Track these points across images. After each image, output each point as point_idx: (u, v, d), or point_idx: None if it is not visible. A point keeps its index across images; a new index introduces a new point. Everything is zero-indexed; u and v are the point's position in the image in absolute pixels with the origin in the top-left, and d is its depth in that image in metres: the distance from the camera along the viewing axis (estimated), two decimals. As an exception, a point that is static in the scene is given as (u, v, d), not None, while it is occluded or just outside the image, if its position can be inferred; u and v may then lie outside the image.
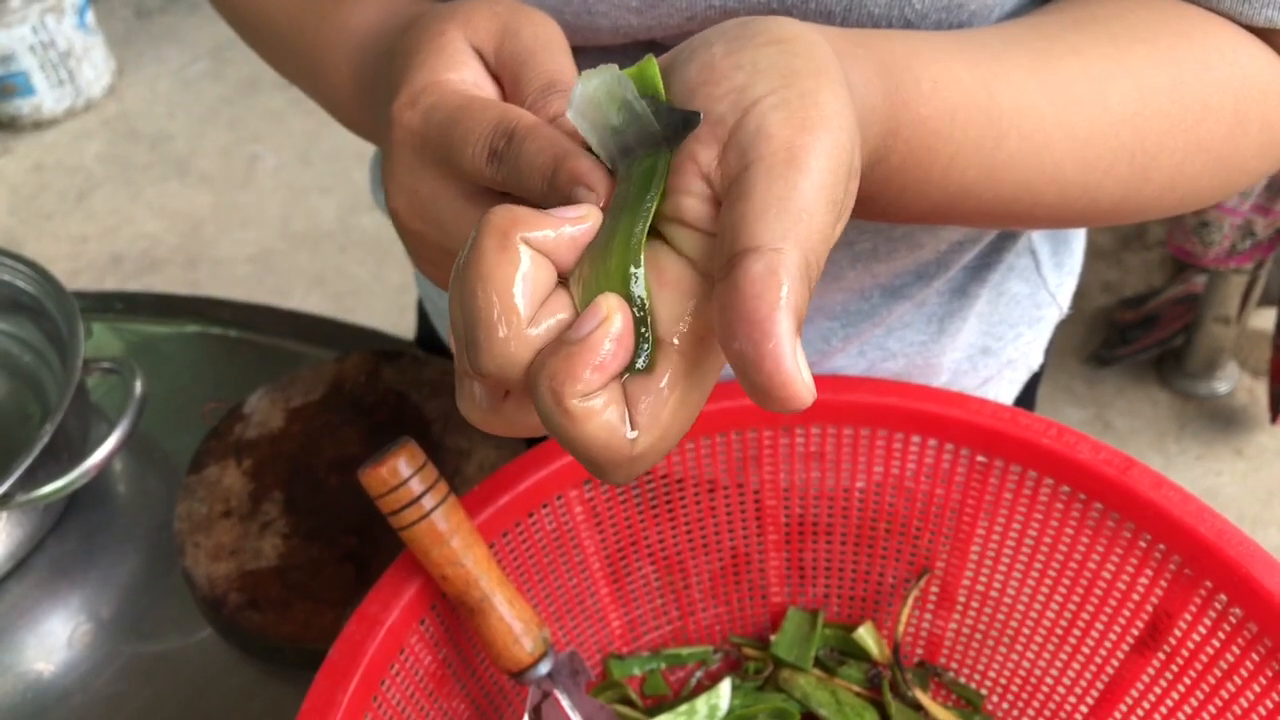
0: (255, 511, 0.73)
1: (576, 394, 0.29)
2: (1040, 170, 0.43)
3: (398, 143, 0.40)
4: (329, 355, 0.85)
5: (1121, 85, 0.43)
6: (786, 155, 0.30)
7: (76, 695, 0.68)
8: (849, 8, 0.45)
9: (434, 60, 0.41)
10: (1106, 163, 0.44)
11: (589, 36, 0.49)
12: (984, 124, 0.41)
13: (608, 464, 0.31)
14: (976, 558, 0.60)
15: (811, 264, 0.29)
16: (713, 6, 0.46)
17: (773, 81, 0.31)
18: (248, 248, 2.47)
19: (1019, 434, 0.56)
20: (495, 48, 0.42)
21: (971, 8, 0.47)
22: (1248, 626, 0.50)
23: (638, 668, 0.64)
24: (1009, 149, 0.42)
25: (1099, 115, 0.43)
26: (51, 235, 2.54)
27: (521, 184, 0.36)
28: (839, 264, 0.58)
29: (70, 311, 0.76)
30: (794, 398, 0.28)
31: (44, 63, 2.68)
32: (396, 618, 0.52)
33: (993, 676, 0.62)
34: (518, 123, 0.36)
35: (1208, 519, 0.51)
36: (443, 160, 0.39)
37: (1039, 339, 0.70)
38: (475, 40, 0.42)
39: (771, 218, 0.29)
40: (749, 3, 0.46)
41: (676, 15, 0.47)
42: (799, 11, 0.46)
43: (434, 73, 0.41)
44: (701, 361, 0.32)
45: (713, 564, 0.63)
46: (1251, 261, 1.76)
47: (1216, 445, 1.93)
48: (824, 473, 0.61)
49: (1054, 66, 0.43)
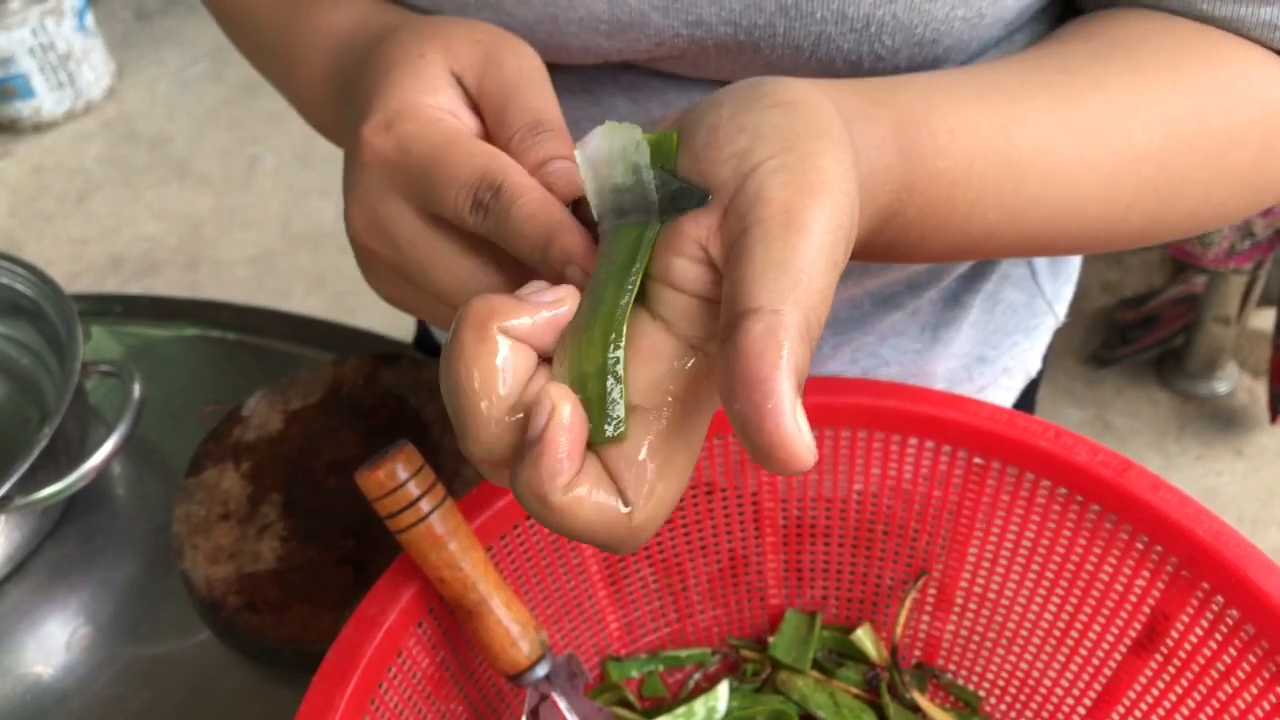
0: (254, 514, 0.73)
1: (558, 490, 0.30)
2: (1063, 208, 0.43)
3: (366, 164, 0.40)
4: (327, 358, 0.85)
5: (1145, 118, 0.43)
6: (785, 218, 0.30)
7: (75, 698, 0.68)
8: (817, 43, 0.45)
9: (410, 82, 0.40)
10: (1130, 197, 0.44)
11: (561, 55, 0.49)
12: (1004, 168, 0.41)
13: (612, 541, 0.31)
14: (974, 559, 0.60)
15: (812, 324, 0.29)
16: (679, 35, 0.46)
17: (774, 146, 0.31)
18: (248, 249, 2.47)
19: (1017, 436, 0.56)
20: (477, 77, 0.41)
21: (946, 43, 0.46)
22: (1245, 628, 0.50)
23: (636, 670, 0.64)
24: (1030, 190, 0.42)
25: (1122, 151, 0.43)
26: (51, 237, 2.54)
27: (508, 243, 0.36)
28: None
29: (69, 314, 0.76)
30: (794, 459, 0.28)
31: (44, 65, 2.68)
32: (394, 620, 0.52)
33: (990, 678, 0.62)
34: (505, 178, 0.36)
35: (1205, 521, 0.51)
36: (416, 194, 0.39)
37: (1035, 347, 0.69)
38: (455, 66, 0.41)
39: (771, 280, 0.29)
40: (716, 33, 0.45)
41: (645, 41, 0.47)
42: (767, 45, 0.45)
43: (410, 95, 0.40)
44: (682, 427, 0.32)
45: (711, 566, 0.63)
46: (1251, 262, 1.76)
47: (1216, 445, 1.93)
48: (821, 475, 0.61)
49: (1076, 102, 0.42)
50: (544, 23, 0.47)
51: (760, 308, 0.28)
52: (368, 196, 0.40)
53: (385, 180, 0.39)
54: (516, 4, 0.47)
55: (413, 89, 0.40)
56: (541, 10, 0.47)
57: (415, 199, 0.39)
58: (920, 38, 0.45)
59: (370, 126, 0.40)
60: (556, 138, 0.39)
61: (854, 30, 0.44)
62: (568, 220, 0.35)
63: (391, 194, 0.39)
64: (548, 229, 0.35)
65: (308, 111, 0.52)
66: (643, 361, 0.32)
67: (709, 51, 0.46)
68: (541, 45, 0.48)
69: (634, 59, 0.48)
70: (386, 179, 0.39)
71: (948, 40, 0.46)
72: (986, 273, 0.63)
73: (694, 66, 0.48)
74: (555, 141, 0.39)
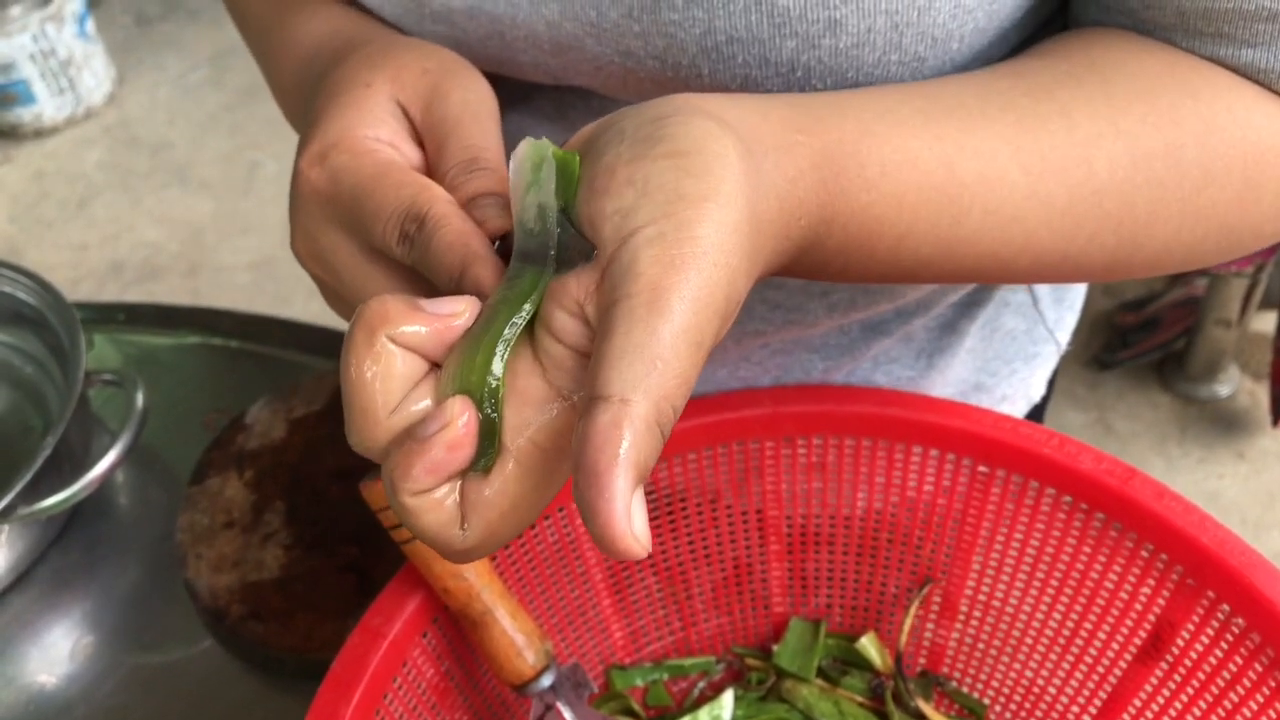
0: (257, 522, 0.73)
1: (408, 490, 0.32)
2: (1008, 241, 0.41)
3: (302, 195, 0.40)
4: (330, 365, 0.85)
5: (1110, 150, 0.40)
6: (650, 296, 0.30)
7: (79, 707, 0.68)
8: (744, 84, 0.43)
9: (352, 113, 0.41)
10: (1088, 232, 0.42)
11: (516, 71, 0.49)
12: (941, 203, 0.39)
13: (441, 550, 0.33)
14: (979, 568, 0.60)
15: (663, 411, 0.29)
16: (614, 63, 0.45)
17: (654, 209, 0.31)
18: (248, 255, 2.47)
19: (1020, 444, 0.56)
20: (422, 109, 0.41)
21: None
22: (1250, 637, 0.50)
23: (640, 679, 0.64)
24: (971, 224, 0.40)
25: (1081, 184, 0.40)
26: (52, 243, 2.54)
27: (430, 274, 0.36)
28: (814, 312, 0.56)
29: (71, 323, 0.76)
30: (625, 552, 0.29)
31: (44, 71, 2.68)
32: (399, 630, 0.52)
33: (995, 686, 0.62)
34: (429, 210, 0.36)
35: (1210, 529, 0.51)
36: (350, 226, 0.39)
37: (1036, 375, 0.68)
38: (402, 98, 0.41)
39: (625, 366, 0.29)
40: (645, 66, 0.44)
41: (585, 64, 0.46)
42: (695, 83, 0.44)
43: (349, 127, 0.40)
44: (539, 472, 0.33)
45: (715, 574, 0.63)
46: (1252, 265, 1.76)
47: (1218, 448, 1.93)
48: (826, 483, 0.61)
49: (1034, 131, 0.40)
50: (493, 39, 0.47)
51: (610, 395, 0.29)
52: (308, 225, 0.40)
53: (320, 211, 0.40)
54: (467, 19, 0.47)
55: (353, 120, 0.40)
56: (489, 27, 0.46)
57: (349, 228, 0.39)
58: (854, 81, 0.43)
59: (306, 157, 0.40)
60: (490, 175, 0.39)
61: (780, 74, 0.43)
62: (484, 252, 0.35)
63: (329, 224, 0.40)
64: (463, 259, 0.35)
65: (289, 117, 0.53)
66: (514, 402, 0.33)
67: (645, 84, 0.46)
68: (494, 61, 0.48)
69: (583, 82, 0.48)
70: (321, 210, 0.40)
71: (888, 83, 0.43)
72: (984, 300, 0.62)
73: (638, 95, 0.47)
74: (487, 178, 0.39)
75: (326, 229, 0.40)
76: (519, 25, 0.46)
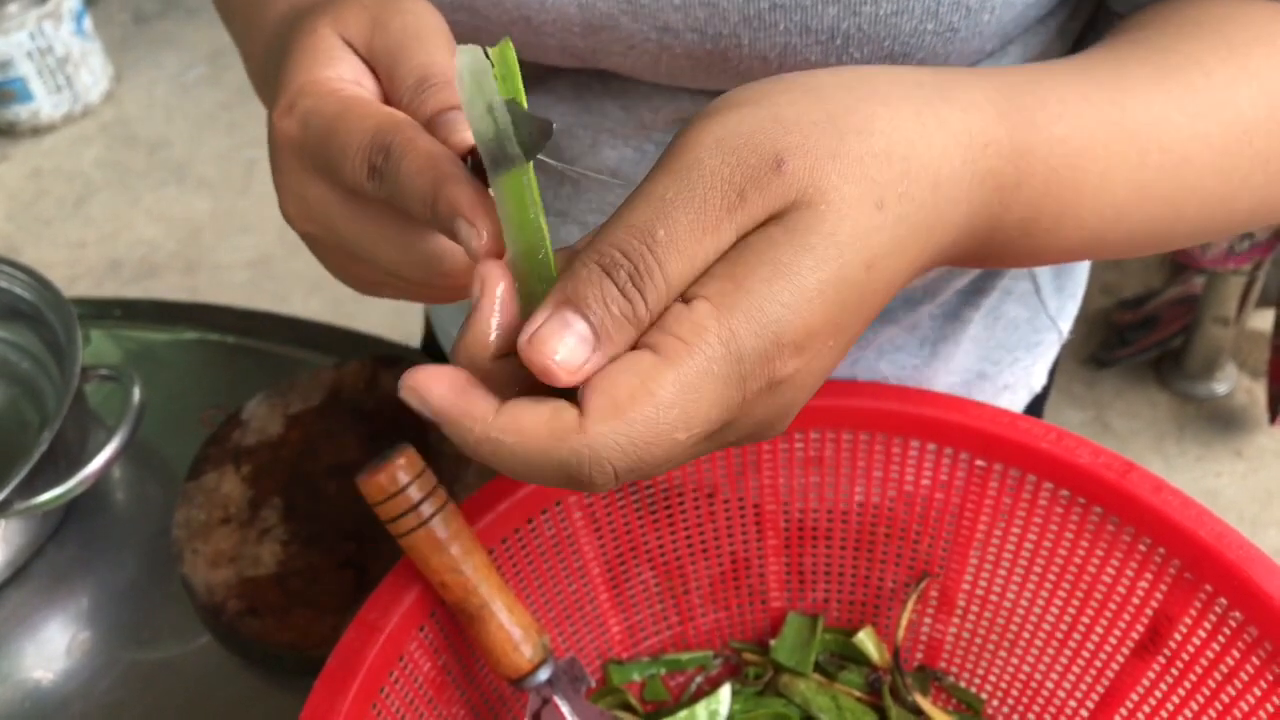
0: (254, 518, 0.73)
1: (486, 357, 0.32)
2: (1183, 185, 0.41)
3: (279, 149, 0.39)
4: (328, 361, 0.85)
5: (1248, 91, 0.41)
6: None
7: (76, 703, 0.68)
8: (784, 54, 0.44)
9: (307, 59, 0.40)
10: (1243, 172, 0.42)
11: (541, 55, 0.49)
12: (1124, 139, 0.39)
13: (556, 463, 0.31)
14: (976, 562, 0.60)
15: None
16: (649, 39, 0.46)
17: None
18: (246, 253, 2.47)
19: (1018, 438, 0.56)
20: (366, 42, 0.41)
21: (919, 56, 0.45)
22: (1248, 630, 0.50)
23: (637, 673, 0.64)
24: (1153, 164, 0.40)
25: (1232, 123, 0.41)
26: (50, 241, 2.54)
27: (404, 205, 0.35)
28: None
29: (68, 319, 0.76)
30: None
31: (42, 69, 2.67)
32: (396, 625, 0.52)
33: (993, 681, 0.62)
34: (394, 136, 0.35)
35: (1207, 523, 0.51)
36: (325, 169, 0.38)
37: (1038, 364, 0.68)
38: (346, 35, 0.41)
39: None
40: (684, 40, 0.45)
41: (617, 44, 0.46)
42: (734, 55, 0.45)
43: (308, 71, 0.40)
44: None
45: (712, 569, 0.63)
46: (1250, 262, 1.76)
47: (1216, 446, 1.93)
48: (823, 478, 0.61)
49: (1176, 78, 0.40)
50: (518, 24, 0.47)
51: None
52: (291, 182, 0.40)
53: (299, 162, 0.39)
54: (490, 6, 0.47)
55: (309, 64, 0.40)
56: (515, 13, 0.46)
57: (328, 175, 0.38)
58: (890, 51, 0.44)
59: (278, 110, 0.39)
60: (442, 89, 0.38)
61: (819, 42, 0.44)
62: (453, 169, 0.34)
63: (309, 174, 0.39)
64: (433, 182, 0.34)
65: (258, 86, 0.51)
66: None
67: (679, 60, 0.46)
68: (520, 45, 0.47)
69: (609, 63, 0.48)
70: (300, 161, 0.39)
71: (920, 54, 0.45)
72: (987, 288, 0.62)
73: (669, 77, 0.48)
74: (441, 93, 0.38)
75: (308, 180, 0.39)
76: (548, 9, 0.46)
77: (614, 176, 0.54)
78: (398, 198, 0.35)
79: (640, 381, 0.30)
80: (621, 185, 0.54)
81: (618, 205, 0.52)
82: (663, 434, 0.30)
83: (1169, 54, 0.41)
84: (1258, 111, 0.41)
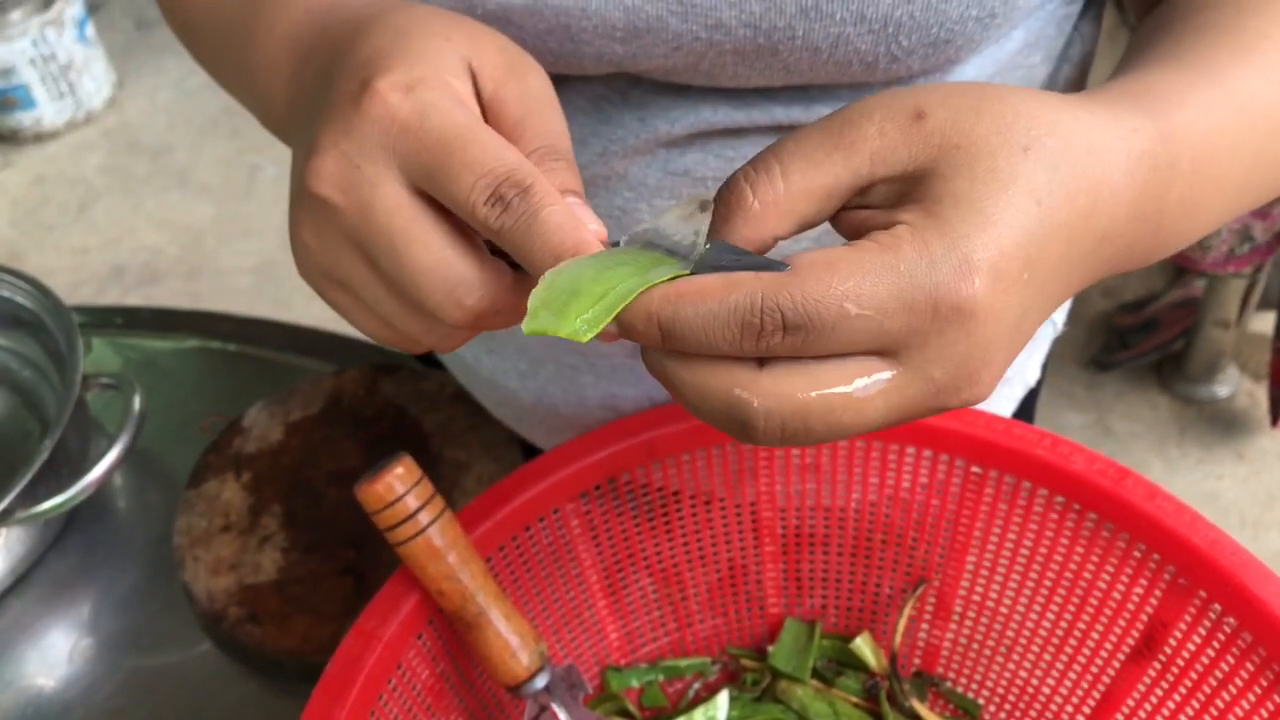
0: (254, 525, 0.74)
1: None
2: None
3: (371, 118, 0.37)
4: (327, 369, 0.85)
5: None
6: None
7: (77, 710, 0.68)
8: (835, 44, 0.45)
9: (437, 59, 0.38)
10: None
11: (571, 66, 0.49)
12: (1237, 114, 0.41)
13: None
14: (972, 568, 0.60)
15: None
16: (698, 39, 0.46)
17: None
18: (249, 259, 2.47)
19: (1014, 445, 0.56)
20: (497, 82, 0.40)
21: (958, 43, 0.47)
22: (1242, 636, 0.50)
23: (635, 680, 0.64)
24: (1262, 131, 0.42)
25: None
26: (53, 247, 2.54)
27: (521, 244, 0.35)
28: None
29: (69, 327, 0.76)
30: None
31: (44, 75, 2.68)
32: (394, 632, 0.52)
33: (990, 686, 0.62)
34: (534, 182, 0.35)
35: (1202, 529, 0.51)
36: (418, 166, 0.37)
37: (1033, 357, 0.69)
38: (476, 64, 0.40)
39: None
40: (735, 36, 0.45)
41: (661, 46, 0.47)
42: (786, 48, 0.46)
43: (437, 69, 0.38)
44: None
45: (710, 576, 0.64)
46: (1250, 265, 1.76)
47: (1217, 449, 1.93)
48: (820, 484, 0.61)
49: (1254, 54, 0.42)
50: (555, 32, 0.47)
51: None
52: (355, 149, 0.37)
53: (386, 140, 0.37)
54: (527, 16, 0.46)
55: (438, 64, 0.38)
56: (553, 20, 0.46)
57: (413, 170, 0.37)
58: (935, 38, 0.46)
59: (388, 81, 0.37)
60: (570, 169, 0.39)
61: (872, 31, 0.45)
62: (594, 243, 0.35)
63: (386, 155, 0.37)
64: (575, 244, 0.34)
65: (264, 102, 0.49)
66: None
67: (725, 56, 0.47)
68: (551, 55, 0.48)
69: (647, 67, 0.48)
70: (389, 140, 0.37)
71: (960, 40, 0.46)
72: None
73: (707, 75, 0.49)
74: (569, 174, 0.38)
75: (378, 160, 0.37)
76: (590, 15, 0.46)
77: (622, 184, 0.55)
78: (519, 235, 0.35)
79: (824, 255, 0.32)
80: (630, 190, 0.54)
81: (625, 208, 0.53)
82: (827, 301, 0.31)
83: (1240, 33, 0.43)
84: None
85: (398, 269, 0.37)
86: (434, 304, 0.37)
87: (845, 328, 0.31)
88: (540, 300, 0.33)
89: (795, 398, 0.32)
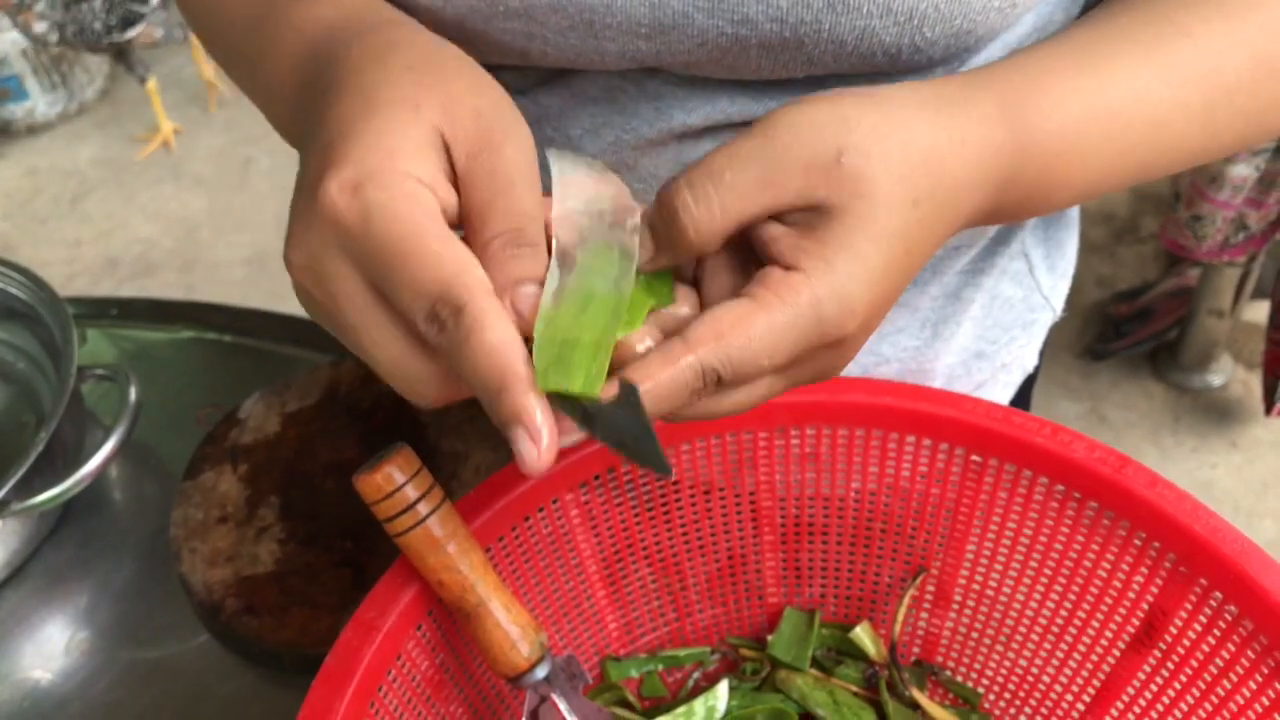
0: (251, 517, 0.73)
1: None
2: (1160, 145, 0.46)
3: (322, 219, 0.37)
4: (324, 359, 0.85)
5: (1235, 57, 0.45)
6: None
7: (74, 702, 0.68)
8: (860, 37, 0.46)
9: (394, 139, 0.37)
10: (1224, 124, 0.47)
11: (593, 61, 0.48)
12: (1109, 119, 0.44)
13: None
14: (972, 557, 0.60)
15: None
16: (723, 34, 0.46)
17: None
18: (243, 250, 2.47)
19: (1013, 433, 0.56)
20: (469, 155, 0.38)
21: (979, 33, 0.47)
22: (1243, 624, 0.50)
23: (635, 670, 0.64)
24: (1135, 135, 0.45)
25: (1215, 87, 0.45)
26: (46, 239, 2.53)
27: (457, 367, 0.36)
28: None
29: (64, 319, 0.76)
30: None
31: (37, 67, 2.67)
32: (393, 623, 0.52)
33: (990, 675, 0.62)
34: (467, 303, 0.35)
35: (1203, 517, 0.51)
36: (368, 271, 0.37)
37: (1033, 342, 0.69)
38: (449, 134, 0.38)
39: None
40: (761, 30, 0.45)
41: (686, 42, 0.47)
42: (811, 41, 0.46)
43: (389, 157, 0.37)
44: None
45: (709, 565, 0.64)
46: (1244, 254, 1.76)
47: (1211, 438, 1.94)
48: (819, 473, 0.61)
49: (1164, 51, 0.45)
50: (578, 29, 0.47)
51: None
52: (314, 247, 0.37)
53: (339, 241, 0.37)
54: (549, 13, 0.46)
55: (394, 147, 0.37)
56: (577, 16, 0.46)
57: (364, 271, 0.37)
58: (958, 29, 0.46)
59: (337, 182, 0.36)
60: (535, 256, 0.38)
61: (897, 23, 0.45)
62: (525, 376, 0.35)
63: (342, 255, 0.37)
64: (503, 377, 0.34)
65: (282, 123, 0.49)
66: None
67: (750, 50, 0.47)
68: (573, 52, 0.47)
69: (669, 62, 0.48)
70: (341, 241, 0.37)
71: (981, 29, 0.47)
72: (986, 268, 0.63)
73: (729, 68, 0.49)
74: (532, 261, 0.38)
75: (336, 259, 0.37)
76: (615, 11, 0.46)
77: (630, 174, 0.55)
78: (454, 359, 0.35)
79: (738, 318, 0.37)
80: (640, 182, 0.54)
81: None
82: (749, 360, 0.37)
83: (1163, 25, 0.46)
84: (1241, 75, 0.46)
85: (366, 358, 0.40)
86: (401, 392, 0.40)
87: (759, 372, 0.39)
88: (545, 363, 0.36)
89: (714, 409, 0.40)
